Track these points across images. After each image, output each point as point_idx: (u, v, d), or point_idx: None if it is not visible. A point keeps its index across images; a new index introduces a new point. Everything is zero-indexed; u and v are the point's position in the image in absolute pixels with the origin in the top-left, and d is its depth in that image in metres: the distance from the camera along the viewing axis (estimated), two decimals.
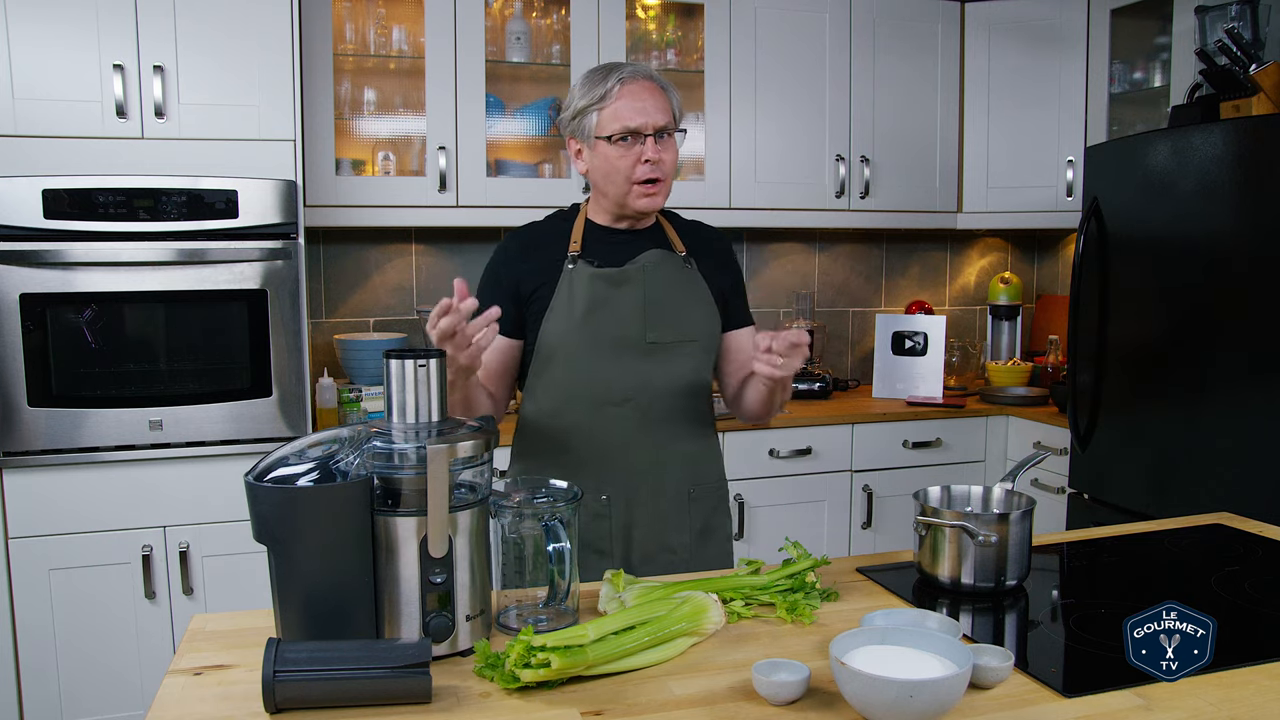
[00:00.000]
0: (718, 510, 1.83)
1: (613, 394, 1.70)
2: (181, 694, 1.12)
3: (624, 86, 1.65)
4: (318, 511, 1.12)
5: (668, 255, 1.75)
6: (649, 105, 1.65)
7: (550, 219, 1.81)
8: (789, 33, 3.32)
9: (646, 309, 1.70)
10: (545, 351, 1.71)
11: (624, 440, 1.71)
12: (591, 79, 1.68)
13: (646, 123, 1.65)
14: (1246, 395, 2.43)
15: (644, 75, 1.68)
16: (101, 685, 2.57)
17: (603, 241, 1.74)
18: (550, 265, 1.71)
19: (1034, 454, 1.67)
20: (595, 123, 1.67)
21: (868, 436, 3.21)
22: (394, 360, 1.22)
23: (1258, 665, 1.18)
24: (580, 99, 1.68)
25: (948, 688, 0.99)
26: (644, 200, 1.69)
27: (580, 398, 1.70)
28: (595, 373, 1.69)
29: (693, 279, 1.76)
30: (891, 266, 3.92)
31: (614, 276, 1.69)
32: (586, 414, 1.71)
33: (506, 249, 1.77)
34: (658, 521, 1.74)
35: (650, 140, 1.65)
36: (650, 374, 1.71)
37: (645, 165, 1.66)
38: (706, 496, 1.80)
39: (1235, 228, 2.45)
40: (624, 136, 1.65)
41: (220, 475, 2.60)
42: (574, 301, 1.68)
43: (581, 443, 1.71)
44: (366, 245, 3.30)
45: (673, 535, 1.75)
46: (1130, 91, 3.36)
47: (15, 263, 2.42)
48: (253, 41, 2.59)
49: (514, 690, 1.11)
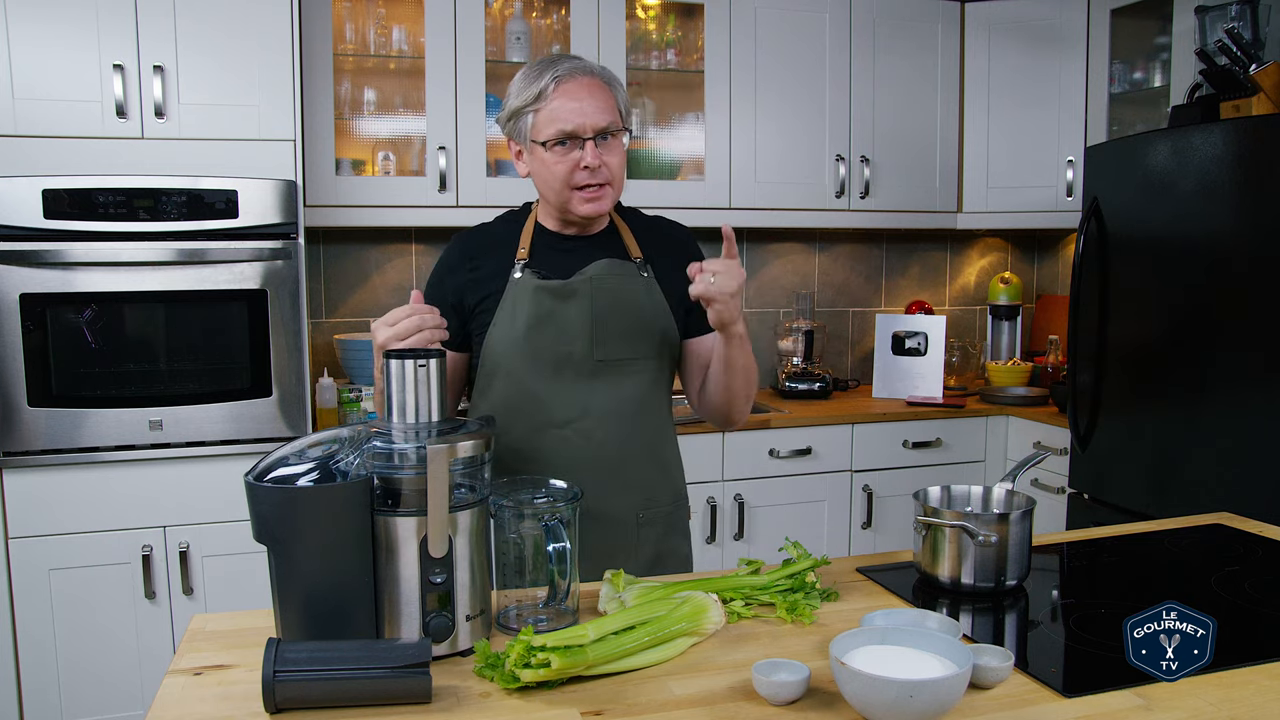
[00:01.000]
0: (671, 534, 1.71)
1: (555, 415, 1.59)
2: (181, 694, 1.12)
3: (560, 86, 1.52)
4: (318, 511, 1.12)
5: (619, 264, 1.63)
6: (587, 105, 1.52)
7: (500, 221, 1.71)
8: (789, 33, 3.32)
9: (594, 324, 1.59)
10: (488, 367, 1.61)
11: (566, 464, 1.57)
12: (526, 77, 1.55)
13: (584, 124, 1.52)
14: (1246, 395, 2.43)
15: (583, 71, 1.54)
16: (101, 685, 2.57)
17: (552, 249, 1.63)
18: (496, 274, 1.61)
19: (1034, 454, 1.67)
20: (530, 125, 1.55)
21: (868, 436, 3.21)
22: (394, 360, 1.22)
23: (1258, 665, 1.18)
24: (515, 99, 1.56)
25: (948, 688, 0.99)
26: (586, 206, 1.57)
27: (521, 418, 1.59)
28: (536, 392, 1.59)
29: (647, 288, 1.64)
30: (891, 266, 3.92)
31: (559, 289, 1.58)
32: (527, 435, 1.60)
33: (450, 256, 1.67)
34: (601, 551, 1.58)
35: (590, 144, 1.53)
36: (597, 394, 1.60)
37: (584, 171, 1.54)
38: (657, 521, 1.68)
39: (1235, 228, 2.45)
40: (561, 141, 1.53)
41: (220, 475, 2.60)
42: (517, 316, 1.58)
43: (522, 466, 1.59)
44: (366, 245, 3.30)
45: (619, 563, 1.59)
46: (1130, 91, 3.36)
47: (15, 263, 2.42)
48: (253, 41, 2.59)
49: (514, 690, 1.11)
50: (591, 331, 1.59)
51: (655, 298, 1.65)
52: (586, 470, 1.58)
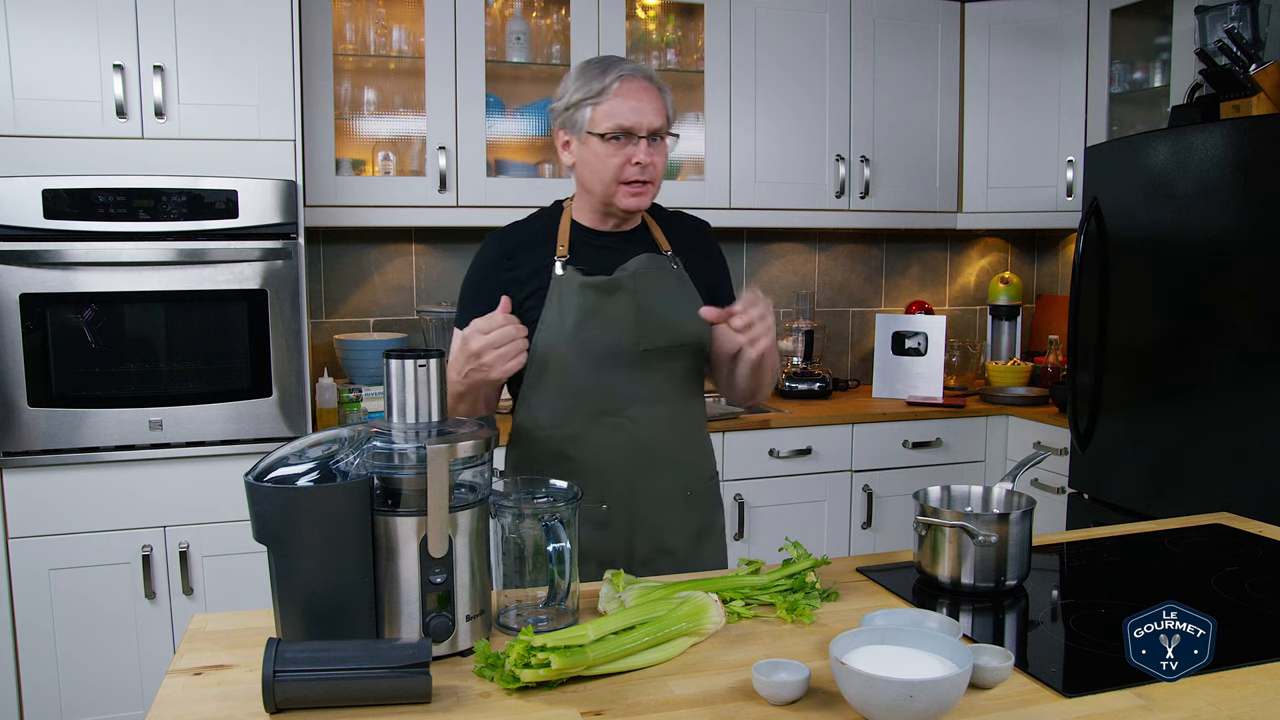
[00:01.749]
0: (713, 509, 1.83)
1: (608, 404, 1.67)
2: (181, 694, 1.12)
3: (622, 84, 1.60)
4: (318, 511, 1.12)
5: (656, 258, 1.71)
6: (646, 106, 1.61)
7: (533, 219, 1.76)
8: (789, 33, 3.32)
9: (638, 317, 1.67)
10: (539, 362, 1.67)
11: (621, 448, 1.68)
12: (589, 71, 1.63)
13: (641, 123, 1.60)
14: (1246, 395, 2.43)
15: (643, 75, 1.63)
16: (101, 685, 2.57)
17: (590, 245, 1.70)
18: (536, 271, 1.67)
19: (1034, 454, 1.67)
20: (589, 117, 1.61)
21: (868, 436, 3.21)
22: (394, 360, 1.22)
23: (1258, 665, 1.18)
24: (575, 91, 1.63)
25: (948, 688, 0.99)
26: (630, 200, 1.64)
27: (577, 409, 1.68)
28: (590, 383, 1.66)
29: (681, 280, 1.74)
30: (891, 266, 3.92)
31: (604, 285, 1.66)
32: (583, 424, 1.68)
33: (488, 255, 1.72)
34: (657, 527, 1.72)
35: (644, 142, 1.61)
36: (644, 382, 1.68)
37: (635, 167, 1.62)
38: (702, 496, 1.79)
39: (1235, 228, 2.45)
40: (617, 135, 1.60)
41: (220, 475, 2.60)
42: (565, 312, 1.65)
43: (579, 452, 1.68)
44: (366, 245, 3.30)
45: (671, 539, 1.74)
46: (1130, 91, 3.36)
47: (15, 263, 2.42)
48: (253, 41, 2.59)
49: (514, 690, 1.11)
50: (636, 323, 1.67)
51: (688, 288, 1.74)
52: (639, 454, 1.68)
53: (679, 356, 1.71)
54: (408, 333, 3.31)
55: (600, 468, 1.67)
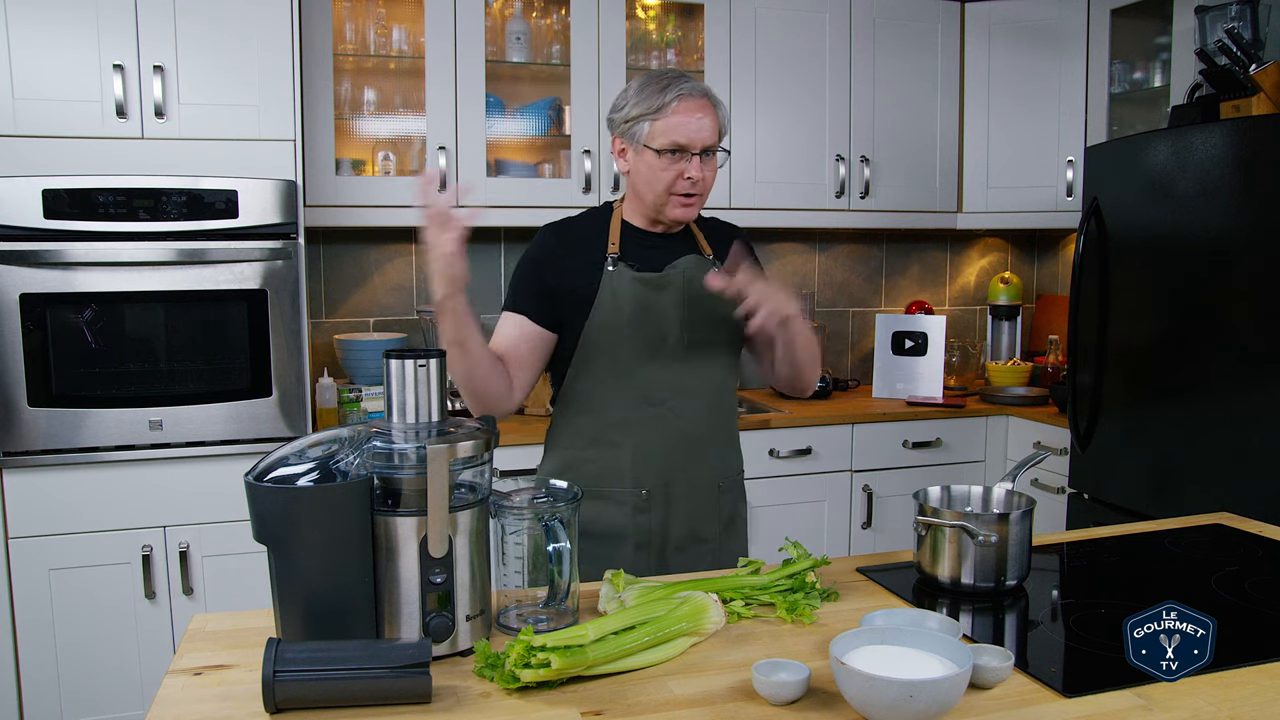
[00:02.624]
0: (740, 500, 1.91)
1: (653, 393, 1.76)
2: (181, 694, 1.12)
3: (681, 102, 1.68)
4: (318, 511, 1.12)
5: (701, 259, 1.80)
6: (702, 125, 1.69)
7: (586, 216, 1.85)
8: (789, 33, 3.32)
9: (686, 312, 1.76)
10: (588, 350, 1.75)
11: (662, 437, 1.76)
12: (650, 87, 1.71)
13: (695, 140, 1.68)
14: (1246, 395, 2.43)
15: (701, 93, 1.71)
16: (101, 685, 2.57)
17: (639, 245, 1.79)
18: (588, 264, 1.76)
19: (1034, 454, 1.67)
20: (647, 131, 1.70)
21: (868, 436, 3.21)
22: (394, 360, 1.22)
23: (1258, 665, 1.18)
24: (635, 106, 1.71)
25: (948, 688, 0.99)
26: (680, 210, 1.74)
27: (623, 396, 1.75)
28: (637, 373, 1.75)
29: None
30: (891, 266, 3.92)
31: (655, 280, 1.75)
32: (628, 411, 1.76)
33: (545, 243, 1.80)
34: (692, 514, 1.80)
35: (696, 159, 1.69)
36: (687, 374, 1.77)
37: (686, 182, 1.70)
38: (732, 488, 1.87)
39: (1235, 228, 2.45)
40: (672, 150, 1.69)
41: (220, 475, 2.60)
42: (618, 303, 1.73)
43: (623, 438, 1.76)
44: (366, 245, 3.30)
45: (705, 527, 1.81)
46: (1130, 91, 3.36)
47: (15, 263, 2.42)
48: (253, 41, 2.59)
49: (514, 690, 1.11)
50: (683, 318, 1.76)
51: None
52: (678, 443, 1.77)
53: (719, 353, 1.81)
54: (408, 333, 3.31)
55: (642, 454, 1.75)
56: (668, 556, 1.78)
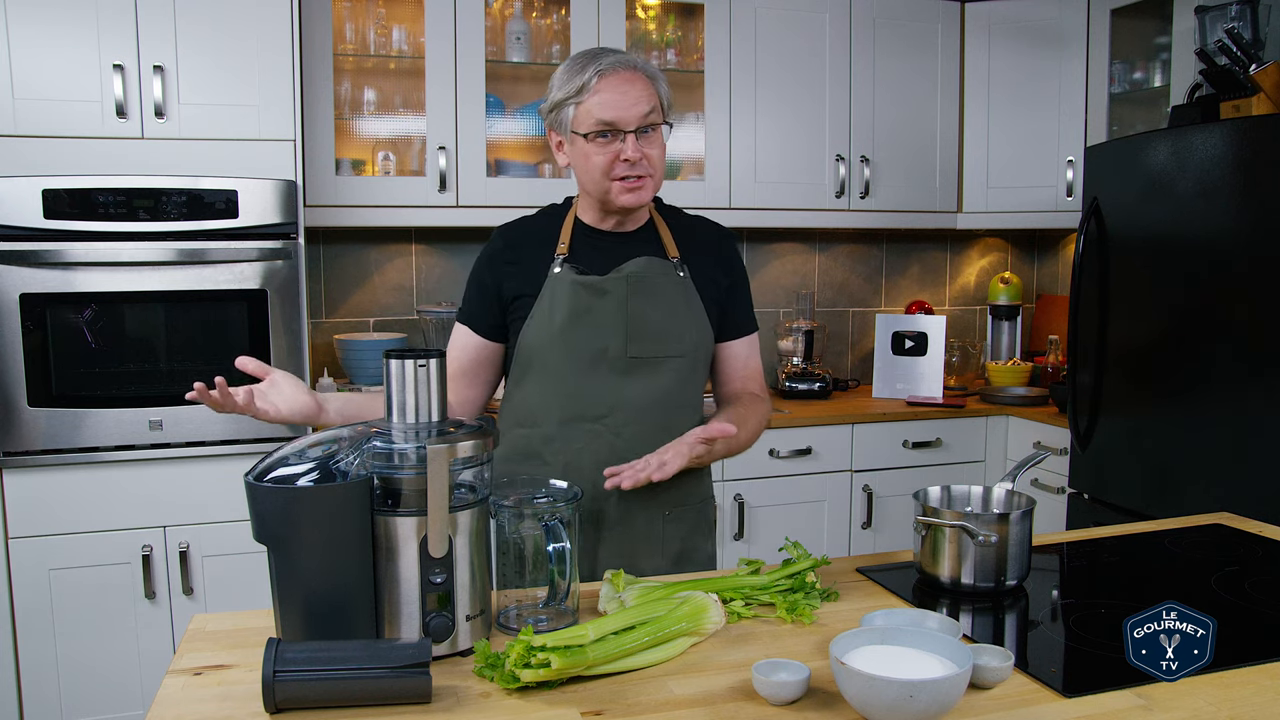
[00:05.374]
0: (696, 531, 1.73)
1: (587, 409, 1.62)
2: (181, 694, 1.12)
3: (602, 79, 1.54)
4: (318, 511, 1.12)
5: (657, 262, 1.65)
6: (627, 99, 1.54)
7: (542, 215, 1.73)
8: (789, 33, 3.32)
9: (629, 321, 1.61)
10: (523, 359, 1.64)
11: (595, 458, 1.60)
12: (570, 69, 1.57)
13: (624, 116, 1.54)
14: (1246, 395, 2.43)
15: (626, 65, 1.56)
16: (101, 685, 2.57)
17: (590, 244, 1.65)
18: (535, 268, 1.64)
19: (1034, 454, 1.67)
20: (572, 116, 1.57)
21: (868, 436, 3.21)
22: (394, 360, 1.22)
23: (1258, 665, 1.18)
24: (558, 90, 1.58)
25: (948, 688, 0.99)
26: (626, 196, 1.58)
27: (553, 410, 1.63)
28: (570, 386, 1.61)
29: (682, 287, 1.66)
30: (891, 266, 3.92)
31: (596, 285, 1.60)
32: (559, 427, 1.63)
33: (492, 247, 1.69)
34: (626, 545, 1.65)
35: (630, 137, 1.55)
36: (629, 390, 1.62)
37: (624, 164, 1.56)
38: (684, 518, 1.71)
39: (1235, 228, 2.45)
40: (602, 133, 1.55)
41: (220, 475, 2.60)
42: (554, 310, 1.60)
43: (552, 455, 1.63)
44: (366, 245, 3.30)
45: (643, 560, 1.66)
46: (1130, 91, 3.36)
47: (15, 263, 2.42)
48: (253, 41, 2.59)
49: (514, 690, 1.11)
50: (626, 328, 1.61)
51: (691, 297, 1.67)
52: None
53: (671, 367, 1.65)
54: (408, 333, 3.31)
55: (574, 474, 1.58)
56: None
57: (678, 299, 1.65)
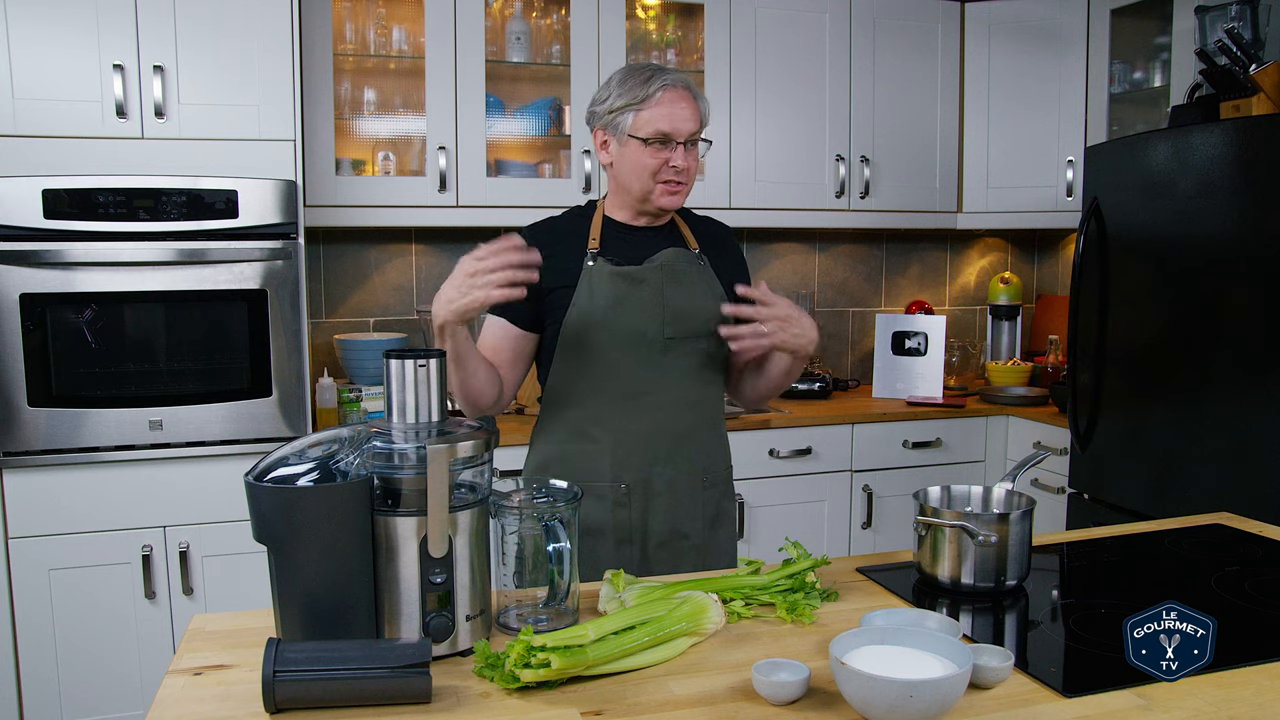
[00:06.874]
0: (726, 497, 1.90)
1: (632, 387, 1.76)
2: (181, 694, 1.12)
3: (666, 93, 1.71)
4: (318, 511, 1.12)
5: (682, 253, 1.81)
6: (685, 114, 1.72)
7: (568, 215, 1.86)
8: (789, 33, 3.32)
9: (664, 306, 1.76)
10: (568, 345, 1.76)
11: (642, 432, 1.76)
12: (633, 79, 1.73)
13: (680, 130, 1.71)
14: (1246, 396, 2.43)
15: (683, 85, 1.74)
16: (101, 685, 2.57)
17: (621, 238, 1.80)
18: (569, 262, 1.77)
19: (1034, 454, 1.67)
20: (631, 122, 1.72)
21: (868, 436, 3.21)
22: (394, 360, 1.22)
23: (1258, 665, 1.18)
24: (619, 97, 1.73)
25: (948, 688, 0.99)
26: (666, 198, 1.75)
27: (601, 391, 1.76)
28: (616, 367, 1.75)
29: (706, 275, 1.83)
30: (891, 266, 3.92)
31: (633, 274, 1.76)
32: (607, 406, 1.77)
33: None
34: (673, 510, 1.80)
35: (680, 148, 1.72)
36: (667, 368, 1.77)
37: (672, 170, 1.73)
38: (717, 485, 1.87)
39: (1235, 228, 2.45)
40: (658, 140, 1.71)
41: (220, 475, 2.60)
42: (595, 298, 1.74)
43: (602, 433, 1.77)
44: (366, 245, 3.30)
45: (687, 523, 1.81)
46: (1130, 91, 3.36)
47: (15, 263, 2.42)
48: (253, 41, 2.59)
49: (514, 690, 1.11)
50: (663, 312, 1.76)
51: (712, 283, 1.84)
52: (658, 438, 1.77)
53: (702, 347, 1.80)
54: (408, 333, 3.31)
55: (622, 448, 1.76)
56: (649, 552, 1.79)
57: (703, 285, 1.82)
